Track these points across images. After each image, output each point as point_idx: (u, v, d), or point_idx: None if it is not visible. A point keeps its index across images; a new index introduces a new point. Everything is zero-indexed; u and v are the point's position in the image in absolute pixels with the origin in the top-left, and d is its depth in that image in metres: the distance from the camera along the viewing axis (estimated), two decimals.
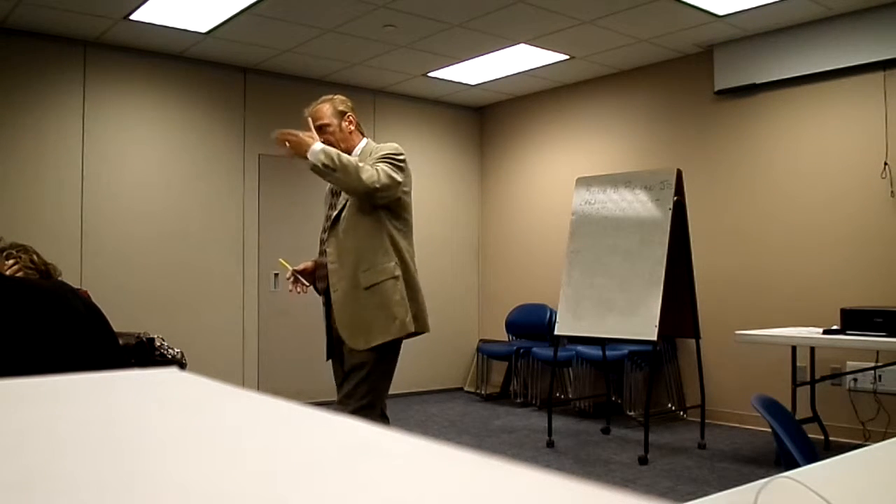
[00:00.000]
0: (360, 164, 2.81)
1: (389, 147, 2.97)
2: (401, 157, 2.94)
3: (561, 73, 6.33)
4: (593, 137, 6.56)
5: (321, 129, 2.96)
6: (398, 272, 2.89)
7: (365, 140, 3.08)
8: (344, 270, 2.92)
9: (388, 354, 2.93)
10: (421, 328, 2.97)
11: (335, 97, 3.07)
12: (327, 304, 3.02)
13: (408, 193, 3.00)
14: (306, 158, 2.80)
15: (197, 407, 0.63)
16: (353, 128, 3.04)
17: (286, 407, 0.59)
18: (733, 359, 5.34)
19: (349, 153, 2.95)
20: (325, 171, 2.78)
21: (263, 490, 0.38)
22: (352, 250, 2.91)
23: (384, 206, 2.92)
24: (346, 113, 3.02)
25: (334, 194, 3.08)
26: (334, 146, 2.92)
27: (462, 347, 7.21)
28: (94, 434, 0.51)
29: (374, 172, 2.81)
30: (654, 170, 5.08)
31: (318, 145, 2.81)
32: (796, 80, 5.17)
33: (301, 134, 2.84)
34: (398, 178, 2.89)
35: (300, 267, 3.05)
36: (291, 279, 3.03)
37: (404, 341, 3.00)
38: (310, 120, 3.00)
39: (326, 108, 3.01)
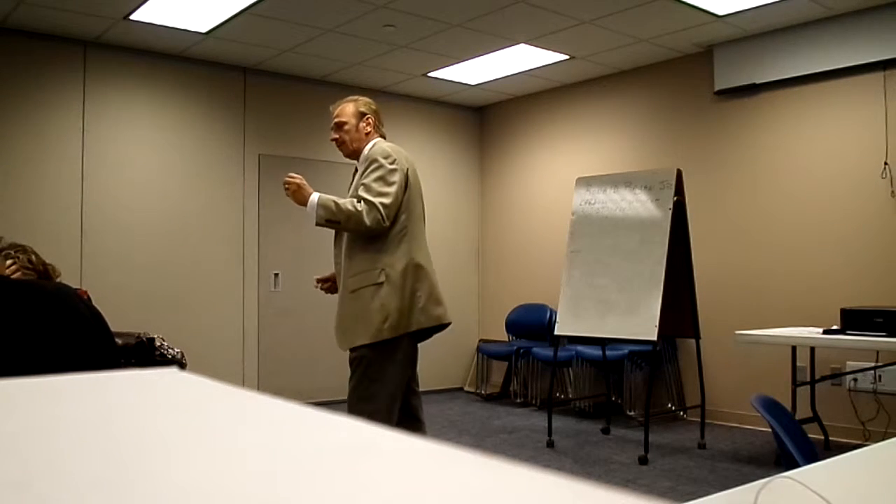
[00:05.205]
0: (358, 208, 2.91)
1: (375, 157, 3.04)
2: (390, 166, 3.02)
3: (561, 73, 6.33)
4: (593, 137, 6.56)
5: (338, 126, 3.17)
6: (381, 279, 2.98)
7: (373, 142, 3.18)
8: (340, 274, 3.13)
9: (375, 357, 2.99)
10: (406, 328, 3.02)
11: (360, 99, 3.25)
12: None
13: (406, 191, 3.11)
14: (304, 206, 3.00)
15: (197, 407, 0.63)
16: (370, 129, 3.19)
17: (286, 407, 0.59)
18: (733, 359, 5.34)
19: (357, 152, 3.16)
20: (331, 224, 2.97)
21: (263, 490, 0.38)
22: (342, 255, 3.09)
23: None
24: (365, 115, 3.19)
25: None
26: (345, 144, 3.16)
27: (462, 347, 7.21)
28: (93, 434, 0.50)
29: (375, 209, 2.91)
30: (654, 170, 5.08)
31: (314, 198, 2.96)
32: (796, 80, 5.17)
33: (301, 183, 3.02)
34: (391, 192, 2.98)
35: (321, 276, 3.33)
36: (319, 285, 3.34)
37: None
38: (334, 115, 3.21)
39: (349, 108, 3.20)
